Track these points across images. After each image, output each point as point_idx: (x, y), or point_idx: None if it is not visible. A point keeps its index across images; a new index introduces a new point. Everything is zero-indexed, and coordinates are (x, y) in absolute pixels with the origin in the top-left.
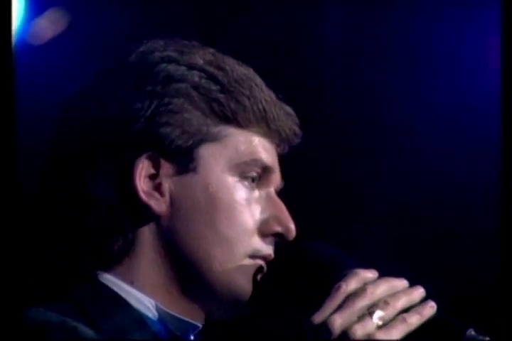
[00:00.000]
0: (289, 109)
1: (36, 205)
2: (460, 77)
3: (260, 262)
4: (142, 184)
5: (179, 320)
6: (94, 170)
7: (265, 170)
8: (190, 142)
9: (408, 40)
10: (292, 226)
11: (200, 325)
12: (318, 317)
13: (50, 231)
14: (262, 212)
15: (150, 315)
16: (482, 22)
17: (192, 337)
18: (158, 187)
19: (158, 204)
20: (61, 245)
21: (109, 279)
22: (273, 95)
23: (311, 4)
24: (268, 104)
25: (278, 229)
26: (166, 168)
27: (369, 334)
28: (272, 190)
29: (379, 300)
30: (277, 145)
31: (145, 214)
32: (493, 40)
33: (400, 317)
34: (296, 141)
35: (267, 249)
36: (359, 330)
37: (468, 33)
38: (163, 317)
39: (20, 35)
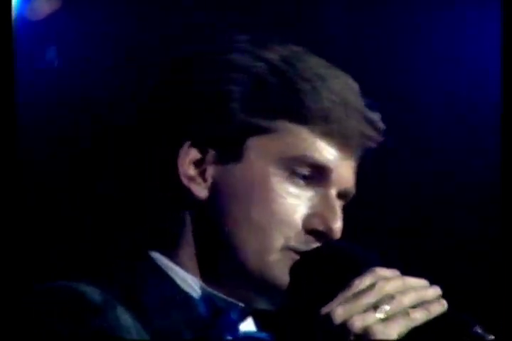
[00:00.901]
0: (371, 114)
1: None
2: (459, 67)
3: (299, 257)
4: (186, 168)
5: (222, 299)
6: (141, 154)
7: (318, 168)
8: (239, 133)
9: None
10: (335, 226)
11: (241, 305)
12: (325, 309)
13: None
14: (309, 209)
15: (194, 293)
16: (482, 14)
17: (233, 317)
18: (202, 173)
19: (200, 190)
20: (109, 224)
21: (157, 257)
22: (352, 98)
23: None
24: (334, 104)
25: (319, 227)
26: (212, 155)
27: (368, 326)
28: (331, 191)
29: (387, 295)
30: (342, 146)
31: (186, 198)
32: (492, 30)
33: (403, 311)
34: (370, 144)
35: (309, 245)
36: (357, 322)
37: (468, 23)
38: (206, 296)
39: (19, 11)
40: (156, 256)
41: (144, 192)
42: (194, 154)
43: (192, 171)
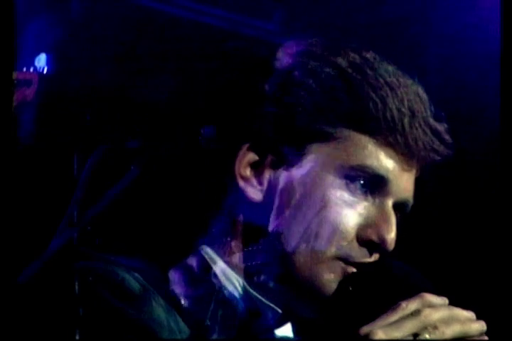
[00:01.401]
0: (438, 126)
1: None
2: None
3: (351, 269)
4: (243, 170)
5: (262, 302)
6: (199, 155)
7: (376, 178)
8: (300, 138)
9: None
10: (389, 237)
11: (280, 311)
12: (365, 329)
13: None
14: (364, 218)
15: (235, 293)
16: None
17: (270, 321)
18: (258, 176)
19: (254, 192)
20: (167, 216)
21: (207, 251)
22: (420, 109)
23: None
24: (401, 115)
25: (373, 237)
26: (270, 158)
27: None
28: (388, 202)
29: (430, 324)
30: (405, 157)
31: (241, 199)
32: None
33: None
34: (435, 157)
35: (361, 256)
36: None
37: None
38: (247, 297)
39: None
40: (207, 250)
41: (199, 190)
42: (252, 156)
43: (248, 173)
